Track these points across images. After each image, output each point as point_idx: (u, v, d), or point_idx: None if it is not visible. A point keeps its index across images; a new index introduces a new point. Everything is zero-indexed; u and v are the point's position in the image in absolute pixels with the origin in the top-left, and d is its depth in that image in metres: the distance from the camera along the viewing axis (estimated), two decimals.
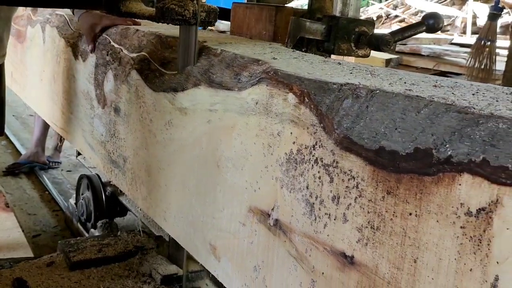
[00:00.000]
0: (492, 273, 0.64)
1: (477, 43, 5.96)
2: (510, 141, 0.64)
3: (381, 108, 0.82)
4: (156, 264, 1.91)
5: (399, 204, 0.76)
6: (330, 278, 0.88)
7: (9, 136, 4.28)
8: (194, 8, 1.24)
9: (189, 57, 1.28)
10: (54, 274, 1.84)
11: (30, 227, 2.78)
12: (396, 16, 12.10)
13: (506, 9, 9.98)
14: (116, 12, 1.45)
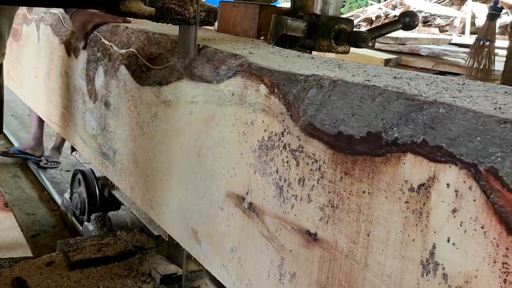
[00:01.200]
0: (431, 242, 0.72)
1: (476, 43, 5.97)
2: (446, 124, 0.72)
3: (342, 97, 0.90)
4: (155, 264, 1.91)
5: (354, 183, 0.84)
6: (297, 255, 0.96)
7: (7, 136, 4.34)
8: (194, 8, 1.25)
9: (188, 56, 1.30)
10: (54, 274, 1.84)
11: (29, 227, 2.80)
12: (395, 16, 12.16)
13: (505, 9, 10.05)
14: (115, 12, 1.47)
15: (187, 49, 1.30)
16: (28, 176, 3.60)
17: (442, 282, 0.71)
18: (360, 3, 15.04)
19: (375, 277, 0.81)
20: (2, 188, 3.27)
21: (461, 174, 0.68)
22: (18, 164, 3.81)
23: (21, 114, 5.16)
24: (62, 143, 3.62)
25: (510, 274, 0.63)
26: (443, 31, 11.27)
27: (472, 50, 6.00)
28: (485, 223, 0.65)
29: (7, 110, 5.05)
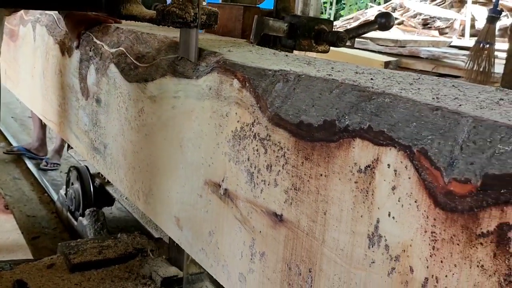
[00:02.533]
0: (375, 217, 0.82)
1: (476, 46, 6.00)
2: (389, 112, 0.82)
3: (304, 90, 0.99)
4: (156, 266, 1.92)
5: (313, 167, 0.93)
6: (266, 235, 1.06)
7: (7, 138, 4.44)
8: (195, 11, 1.26)
9: (189, 59, 1.32)
10: (55, 276, 1.85)
11: (29, 229, 2.83)
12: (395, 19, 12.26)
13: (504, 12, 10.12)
14: (116, 15, 1.50)
15: (188, 52, 1.32)
16: (28, 178, 3.66)
17: (385, 252, 0.80)
18: (360, 6, 15.15)
19: (330, 251, 0.90)
20: (3, 190, 3.31)
21: (399, 155, 0.78)
22: (19, 166, 3.89)
23: (21, 116, 5.23)
24: (62, 146, 3.74)
25: (437, 242, 0.72)
26: (443, 33, 11.36)
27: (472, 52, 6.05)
28: (417, 198, 0.75)
29: (7, 112, 5.17)
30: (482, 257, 0.67)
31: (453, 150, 0.71)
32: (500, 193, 0.65)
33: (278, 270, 1.03)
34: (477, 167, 0.68)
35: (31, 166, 3.80)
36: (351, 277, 0.87)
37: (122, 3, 1.46)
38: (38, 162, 3.85)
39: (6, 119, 5.03)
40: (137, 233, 2.15)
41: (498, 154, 0.66)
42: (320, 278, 0.93)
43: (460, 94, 0.90)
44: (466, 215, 0.69)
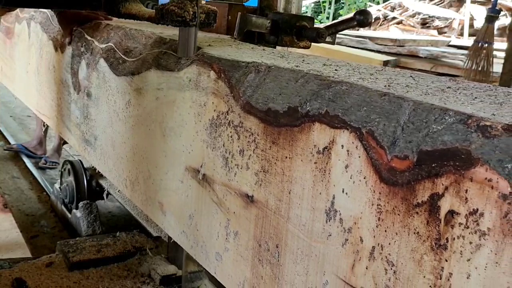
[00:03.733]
0: (331, 194, 0.91)
1: (475, 45, 6.05)
2: (344, 98, 0.91)
3: (273, 80, 1.08)
4: (155, 265, 1.94)
5: (279, 150, 1.02)
6: (239, 216, 1.14)
7: (6, 137, 4.48)
8: (194, 10, 1.27)
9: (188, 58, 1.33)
10: (54, 275, 1.87)
11: (28, 228, 2.85)
12: (393, 18, 12.34)
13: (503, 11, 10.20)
14: (116, 14, 1.52)
15: (187, 51, 1.33)
16: (27, 177, 3.68)
17: (339, 226, 0.89)
18: (359, 5, 15.24)
19: (294, 227, 0.99)
20: (1, 189, 3.34)
21: (350, 136, 0.86)
22: (18, 165, 3.93)
23: (20, 115, 5.26)
24: (60, 144, 3.81)
25: (382, 213, 0.81)
26: (442, 33, 11.44)
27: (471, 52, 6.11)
28: (366, 174, 0.84)
29: (6, 111, 5.24)
30: (417, 224, 0.76)
31: (396, 130, 0.80)
32: (432, 167, 0.74)
33: (249, 247, 1.12)
34: (414, 145, 0.77)
35: (30, 165, 3.83)
36: (312, 250, 0.95)
37: (121, 2, 1.49)
38: (36, 161, 3.89)
39: (5, 118, 5.09)
40: (136, 232, 2.19)
41: (431, 133, 0.75)
42: (286, 252, 1.02)
43: (413, 83, 0.98)
44: (405, 188, 0.77)
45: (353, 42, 7.95)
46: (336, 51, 7.03)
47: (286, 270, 1.02)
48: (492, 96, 0.89)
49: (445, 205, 0.72)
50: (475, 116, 0.72)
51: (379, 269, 0.82)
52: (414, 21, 12.10)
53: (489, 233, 0.67)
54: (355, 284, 0.87)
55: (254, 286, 1.11)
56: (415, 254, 0.76)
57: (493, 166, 0.66)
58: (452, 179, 0.71)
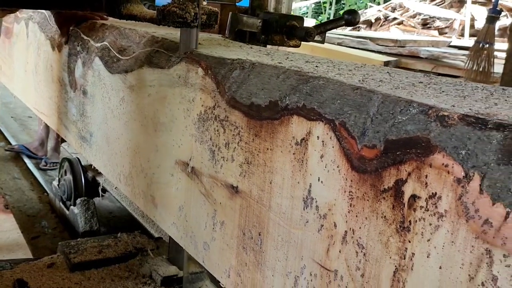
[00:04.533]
0: (308, 182, 0.96)
1: (475, 46, 6.04)
2: (320, 92, 0.97)
3: (257, 76, 1.14)
4: (156, 266, 1.94)
5: (262, 143, 1.08)
6: (225, 206, 1.20)
7: (7, 138, 4.52)
8: (195, 11, 1.28)
9: None
10: (55, 275, 1.88)
11: (29, 229, 2.87)
12: (394, 19, 12.39)
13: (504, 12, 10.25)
14: (117, 15, 1.54)
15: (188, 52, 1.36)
16: (28, 178, 3.70)
17: (316, 212, 0.95)
18: (359, 5, 15.30)
19: (275, 215, 1.05)
20: (3, 190, 3.36)
21: (325, 128, 0.92)
22: (19, 166, 3.96)
23: (21, 116, 5.28)
24: (58, 142, 3.86)
25: (353, 199, 0.87)
26: (443, 33, 11.48)
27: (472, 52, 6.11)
28: (339, 163, 0.90)
29: (7, 112, 5.28)
30: (384, 209, 0.82)
31: (366, 121, 0.86)
32: (396, 154, 0.80)
33: (234, 236, 1.18)
34: (381, 135, 0.83)
35: (31, 165, 3.85)
36: (291, 236, 1.01)
37: (122, 3, 1.51)
38: (37, 162, 3.93)
39: (6, 119, 5.13)
40: (137, 233, 2.21)
41: (396, 123, 0.81)
42: (267, 239, 1.08)
43: (388, 78, 1.04)
44: (373, 175, 0.83)
45: (354, 43, 8.00)
46: (337, 51, 7.09)
47: (268, 256, 1.08)
48: (459, 90, 0.95)
49: (408, 190, 0.78)
50: (435, 107, 0.78)
51: (351, 252, 0.88)
52: (415, 22, 12.15)
53: (446, 215, 0.73)
54: (329, 267, 0.93)
55: (239, 272, 1.17)
56: (383, 236, 0.82)
57: (449, 153, 0.72)
58: (414, 166, 0.77)
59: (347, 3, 15.93)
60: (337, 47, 7.80)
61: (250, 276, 1.14)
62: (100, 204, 2.99)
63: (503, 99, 0.88)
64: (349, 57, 6.76)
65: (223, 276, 1.23)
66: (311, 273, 0.97)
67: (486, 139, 0.69)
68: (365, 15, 13.02)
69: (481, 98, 0.88)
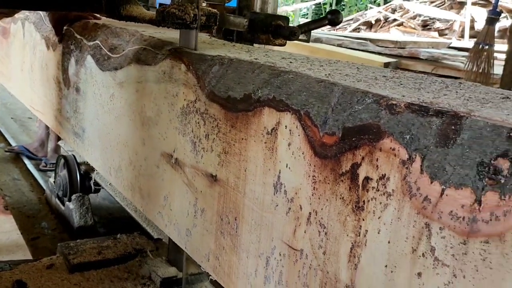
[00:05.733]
0: (278, 169, 1.05)
1: (475, 47, 6.07)
2: (289, 85, 1.05)
3: (234, 71, 1.22)
4: (155, 267, 1.95)
5: (237, 133, 1.16)
6: (205, 194, 1.28)
7: (7, 139, 4.54)
8: (194, 12, 1.30)
9: None
10: (54, 277, 1.89)
11: (29, 230, 2.87)
12: (394, 20, 12.47)
13: (504, 13, 10.32)
14: (116, 16, 1.57)
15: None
16: (28, 179, 3.71)
17: (284, 196, 1.03)
18: (360, 7, 15.39)
19: (249, 201, 1.13)
20: (2, 191, 3.37)
21: (292, 118, 1.01)
22: (19, 167, 3.98)
23: (21, 117, 5.30)
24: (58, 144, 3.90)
25: (316, 183, 0.95)
26: (443, 34, 11.55)
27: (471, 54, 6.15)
28: (304, 150, 0.98)
29: (7, 113, 5.34)
30: (342, 191, 0.90)
31: (327, 111, 0.94)
32: (352, 140, 0.88)
33: (213, 222, 1.26)
34: (339, 123, 0.91)
35: (31, 166, 3.87)
36: (263, 220, 1.09)
37: (122, 4, 1.55)
38: (37, 163, 3.95)
39: (6, 120, 5.17)
40: (137, 234, 2.22)
41: (353, 112, 0.89)
42: (242, 224, 1.16)
43: (355, 73, 1.12)
44: (333, 160, 0.91)
45: (354, 44, 8.07)
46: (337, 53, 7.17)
47: (243, 239, 1.16)
48: (417, 83, 1.03)
49: (362, 172, 0.86)
50: (386, 97, 0.86)
51: (314, 232, 0.96)
52: (415, 23, 12.22)
53: (393, 194, 0.81)
54: (296, 247, 1.01)
55: (217, 256, 1.25)
56: (341, 216, 0.90)
57: (396, 138, 0.80)
58: (367, 150, 0.85)
59: (347, 5, 16.03)
60: (337, 48, 7.87)
61: (227, 259, 1.22)
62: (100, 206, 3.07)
63: (454, 91, 0.96)
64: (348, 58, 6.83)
65: (203, 260, 1.31)
66: (280, 253, 1.05)
67: (427, 125, 0.78)
68: (365, 17, 13.11)
69: (434, 90, 0.96)
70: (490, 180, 0.68)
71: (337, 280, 0.92)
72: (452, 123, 0.75)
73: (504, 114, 0.77)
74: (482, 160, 0.69)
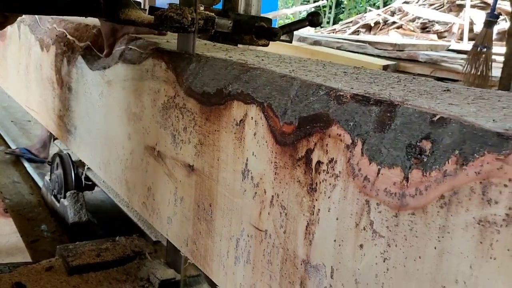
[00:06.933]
0: (245, 157, 1.15)
1: (473, 50, 6.11)
2: (255, 80, 1.15)
3: (210, 68, 1.33)
4: (154, 269, 1.97)
5: (211, 125, 1.27)
6: (184, 183, 1.39)
7: (7, 142, 4.60)
8: (192, 16, 1.31)
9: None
10: (53, 279, 1.91)
11: (28, 232, 2.88)
12: (393, 23, 12.58)
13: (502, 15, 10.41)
14: (115, 20, 1.58)
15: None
16: (27, 182, 3.74)
17: (251, 182, 1.13)
18: (359, 9, 15.51)
19: (221, 187, 1.24)
20: (2, 193, 3.40)
21: (257, 110, 1.11)
22: (18, 170, 4.01)
23: (21, 120, 5.31)
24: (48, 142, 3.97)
25: (278, 168, 1.05)
26: (442, 37, 11.65)
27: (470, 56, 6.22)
28: (267, 139, 1.08)
29: (7, 116, 5.41)
30: (299, 175, 1.00)
31: (287, 103, 1.04)
32: (306, 128, 0.98)
33: (191, 209, 1.36)
34: (296, 113, 1.01)
35: (31, 169, 3.90)
36: (233, 205, 1.20)
37: (121, 8, 1.57)
38: (38, 165, 3.98)
39: (6, 123, 5.18)
40: (136, 236, 2.26)
41: (308, 103, 0.99)
42: (216, 209, 1.26)
43: (318, 69, 1.23)
44: (291, 147, 1.02)
45: (353, 47, 8.16)
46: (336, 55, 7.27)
47: (216, 224, 1.26)
48: (372, 78, 1.13)
49: (315, 157, 0.96)
50: (336, 89, 0.96)
51: (276, 213, 1.06)
52: (414, 26, 12.32)
53: (340, 175, 0.91)
54: (261, 228, 1.11)
55: (195, 240, 1.35)
56: (298, 198, 1.00)
57: (342, 125, 0.91)
58: (318, 137, 0.95)
59: (346, 7, 16.16)
60: (335, 51, 7.97)
61: (203, 242, 1.32)
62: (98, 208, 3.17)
63: (402, 85, 1.06)
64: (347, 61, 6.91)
65: (182, 246, 1.41)
66: (248, 235, 1.15)
67: (368, 113, 0.88)
68: (365, 19, 13.23)
69: (384, 84, 1.06)
70: (416, 159, 0.78)
71: (295, 256, 1.02)
72: (388, 111, 0.85)
73: (435, 103, 0.87)
74: (410, 142, 0.80)
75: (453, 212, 0.72)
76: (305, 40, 8.23)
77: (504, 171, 0.66)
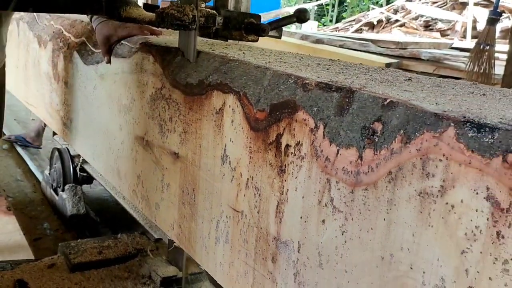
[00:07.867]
0: (224, 143, 1.23)
1: (476, 48, 6.12)
2: (233, 71, 1.23)
3: (197, 61, 1.41)
4: (155, 266, 2.00)
5: (194, 114, 1.35)
6: (170, 170, 1.47)
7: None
8: (193, 14, 1.32)
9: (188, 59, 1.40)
10: (55, 276, 1.95)
11: (31, 230, 2.93)
12: (396, 21, 12.62)
13: (506, 13, 10.45)
14: (116, 18, 1.61)
15: (186, 53, 1.42)
16: (30, 180, 3.80)
17: (229, 166, 1.22)
18: (362, 8, 15.56)
19: (203, 173, 1.32)
20: (5, 191, 3.47)
21: (234, 98, 1.19)
22: (21, 168, 4.09)
23: (24, 118, 5.42)
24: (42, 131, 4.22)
25: (252, 152, 1.14)
26: (445, 35, 11.69)
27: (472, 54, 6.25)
28: (243, 125, 1.16)
29: (10, 115, 5.49)
30: (270, 158, 1.08)
31: (260, 92, 1.13)
32: (276, 114, 1.06)
33: (177, 194, 1.45)
34: (268, 101, 1.09)
35: (34, 168, 3.98)
36: (214, 188, 1.28)
37: (122, 6, 1.59)
38: (40, 164, 4.08)
39: (9, 121, 5.24)
40: (137, 234, 2.29)
41: (278, 91, 1.08)
42: (198, 193, 1.35)
43: (294, 61, 1.31)
44: (263, 132, 1.10)
45: (356, 45, 8.21)
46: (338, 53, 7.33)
47: (199, 207, 1.34)
48: (342, 69, 1.21)
49: (284, 141, 1.04)
50: (302, 77, 1.04)
51: (251, 194, 1.15)
52: (417, 24, 12.37)
53: (305, 157, 0.99)
54: (238, 209, 1.19)
55: (180, 224, 1.44)
56: (270, 179, 1.09)
57: (306, 110, 0.99)
58: (287, 122, 1.03)
59: (349, 5, 16.20)
60: (338, 49, 8.03)
61: (187, 225, 1.41)
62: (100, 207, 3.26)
63: (369, 75, 1.14)
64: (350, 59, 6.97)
65: (169, 230, 1.50)
66: (227, 216, 1.24)
67: (329, 99, 0.96)
68: (368, 17, 13.28)
69: (352, 74, 1.14)
70: (369, 140, 0.87)
71: (267, 233, 1.10)
72: (346, 96, 0.93)
73: (391, 90, 0.95)
74: (364, 124, 0.88)
75: (398, 186, 0.81)
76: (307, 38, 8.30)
77: (439, 147, 0.75)
